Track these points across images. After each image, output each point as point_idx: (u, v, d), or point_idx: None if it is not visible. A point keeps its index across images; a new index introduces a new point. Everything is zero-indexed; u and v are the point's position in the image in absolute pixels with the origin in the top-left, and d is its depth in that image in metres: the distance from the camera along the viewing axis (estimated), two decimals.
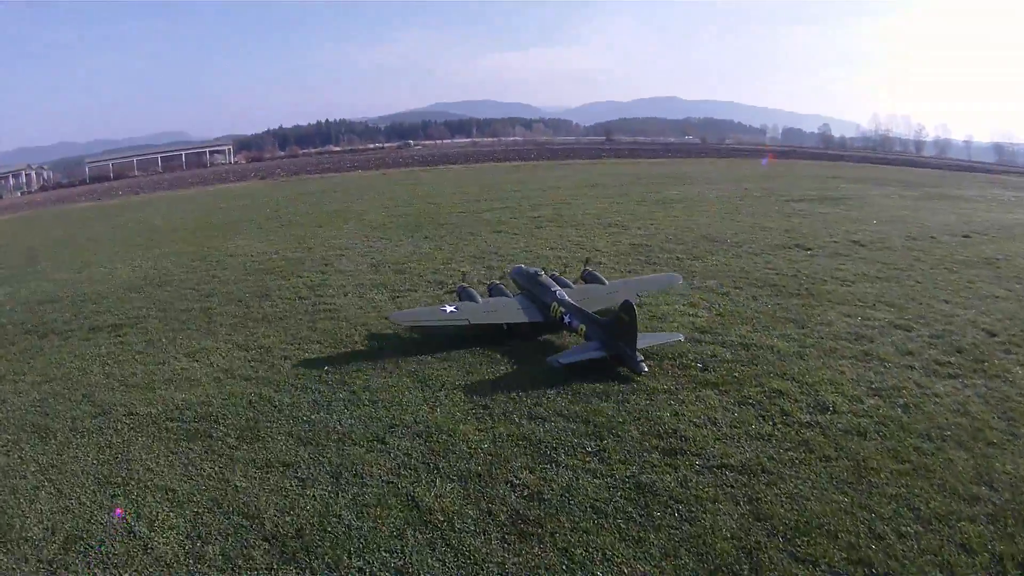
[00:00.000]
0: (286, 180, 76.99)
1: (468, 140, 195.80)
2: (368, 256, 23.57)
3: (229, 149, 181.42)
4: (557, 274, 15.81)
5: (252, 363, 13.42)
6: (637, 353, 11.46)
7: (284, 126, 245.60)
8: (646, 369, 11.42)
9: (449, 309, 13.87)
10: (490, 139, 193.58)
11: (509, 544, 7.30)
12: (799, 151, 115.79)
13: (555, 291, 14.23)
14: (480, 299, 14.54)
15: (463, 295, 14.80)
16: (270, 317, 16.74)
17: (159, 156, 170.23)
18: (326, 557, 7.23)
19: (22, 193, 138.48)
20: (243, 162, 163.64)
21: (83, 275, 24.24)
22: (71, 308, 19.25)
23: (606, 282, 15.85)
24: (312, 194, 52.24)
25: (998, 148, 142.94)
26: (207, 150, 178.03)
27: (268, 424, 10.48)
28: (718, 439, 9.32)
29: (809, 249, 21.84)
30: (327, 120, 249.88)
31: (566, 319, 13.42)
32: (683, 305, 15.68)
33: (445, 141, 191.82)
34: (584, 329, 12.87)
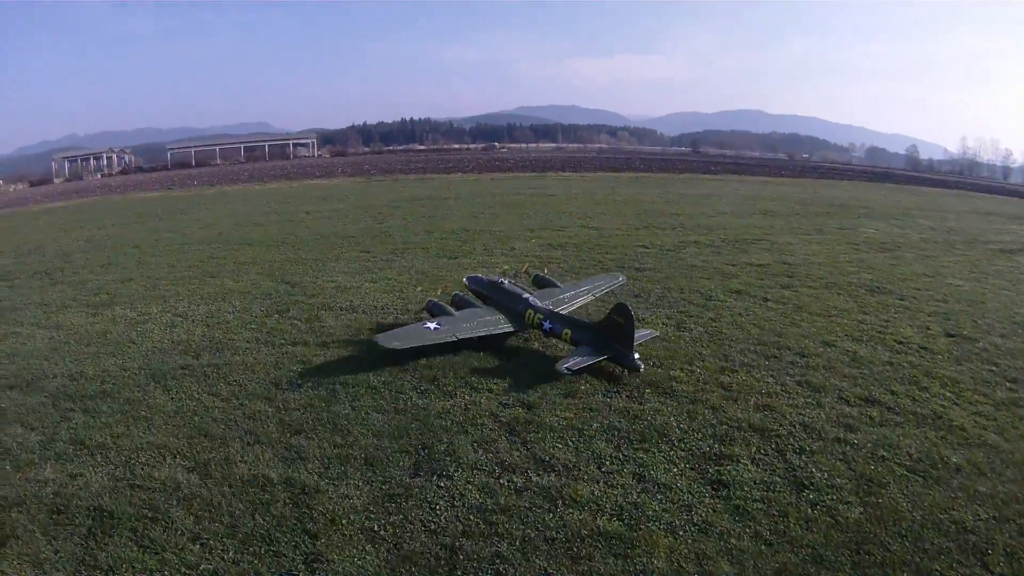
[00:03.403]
0: (379, 180, 73.43)
1: (553, 145, 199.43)
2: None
3: (313, 142, 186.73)
4: (513, 281, 16.77)
5: None
6: (634, 352, 12.93)
7: (368, 122, 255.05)
8: (643, 367, 13.13)
9: (432, 326, 14.51)
10: (575, 145, 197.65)
11: None
12: (890, 173, 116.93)
13: (527, 298, 15.29)
14: (455, 312, 15.28)
15: (435, 310, 15.47)
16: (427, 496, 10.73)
17: (242, 146, 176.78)
18: None
19: (102, 175, 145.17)
20: (327, 156, 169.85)
21: (94, 326, 19.27)
22: (38, 418, 13.41)
23: (560, 285, 17.14)
24: (417, 201, 49.01)
25: None
26: (291, 142, 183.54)
27: None
28: None
29: None
30: (411, 118, 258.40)
31: (546, 325, 14.47)
32: None
33: (530, 145, 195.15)
34: (570, 333, 13.96)
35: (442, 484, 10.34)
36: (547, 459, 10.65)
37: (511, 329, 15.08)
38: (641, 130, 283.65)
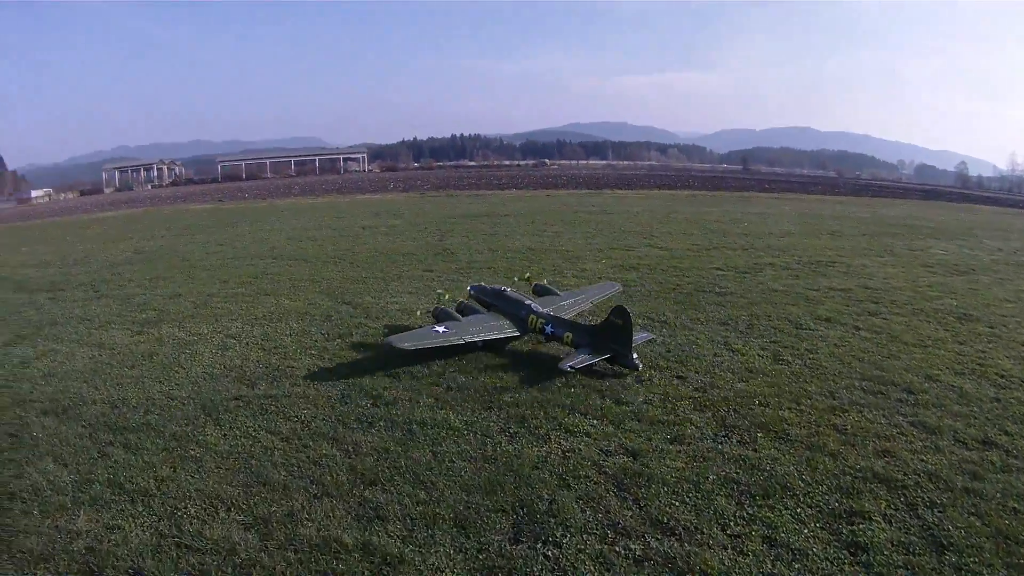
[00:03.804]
0: (432, 196, 73.06)
1: (604, 162, 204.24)
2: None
3: (363, 157, 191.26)
4: (515, 289, 17.85)
5: None
6: (633, 352, 14.04)
7: (419, 138, 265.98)
8: (641, 366, 14.12)
9: (440, 329, 15.47)
10: (625, 162, 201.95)
11: None
12: (942, 191, 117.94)
13: (529, 304, 16.54)
14: (461, 318, 16.22)
15: (442, 316, 16.37)
16: None
17: (292, 160, 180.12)
18: None
19: (152, 186, 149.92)
20: (377, 171, 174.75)
21: (139, 346, 18.19)
22: (73, 452, 12.36)
23: (559, 293, 18.20)
24: (476, 218, 48.02)
25: None
26: (341, 156, 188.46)
27: None
28: None
29: None
30: (461, 134, 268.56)
31: (548, 329, 15.60)
32: None
33: (580, 161, 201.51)
34: (571, 336, 15.07)
35: (549, 553, 8.79)
36: (665, 520, 9.43)
37: (515, 333, 16.06)
38: (690, 147, 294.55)
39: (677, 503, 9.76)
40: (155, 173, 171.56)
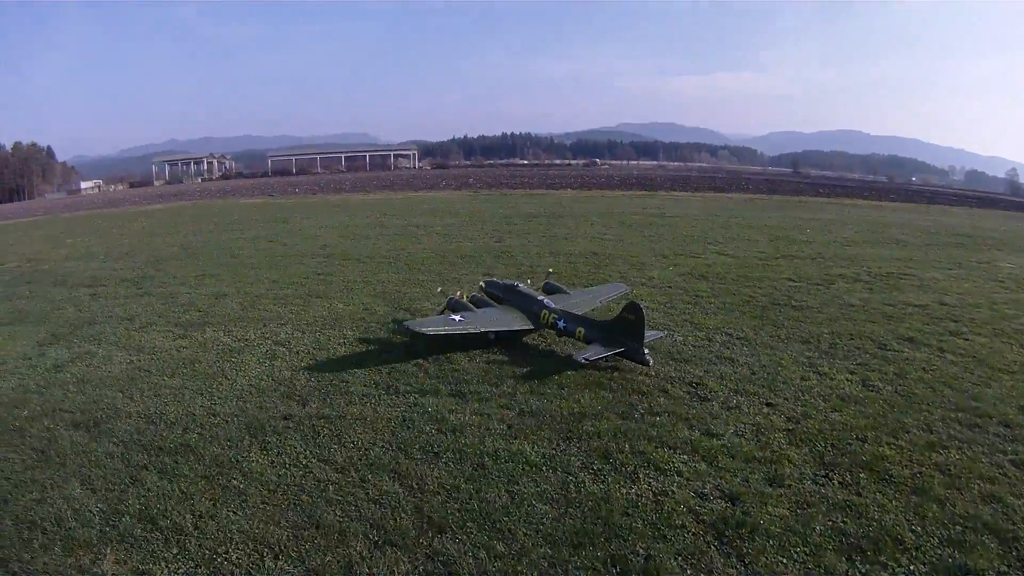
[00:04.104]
0: (485, 195, 72.14)
1: (654, 163, 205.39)
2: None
3: (414, 154, 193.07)
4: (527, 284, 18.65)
5: None
6: (644, 347, 14.50)
7: (469, 135, 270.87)
8: (652, 361, 14.60)
9: (457, 318, 16.33)
10: (676, 163, 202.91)
11: None
12: (994, 198, 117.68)
13: (542, 299, 17.24)
14: (476, 309, 17.09)
15: (457, 306, 17.17)
16: None
17: (343, 155, 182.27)
18: None
19: (202, 179, 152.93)
20: (428, 168, 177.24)
21: (181, 351, 17.46)
22: (103, 475, 11.81)
23: (569, 291, 19.05)
24: (532, 218, 47.37)
25: None
26: (392, 153, 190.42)
27: None
28: None
29: None
30: (512, 133, 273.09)
31: (560, 324, 16.19)
32: None
33: (631, 162, 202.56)
34: (583, 331, 15.63)
35: None
36: None
37: (529, 327, 16.74)
38: (741, 149, 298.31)
39: (784, 559, 8.84)
40: (205, 166, 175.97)
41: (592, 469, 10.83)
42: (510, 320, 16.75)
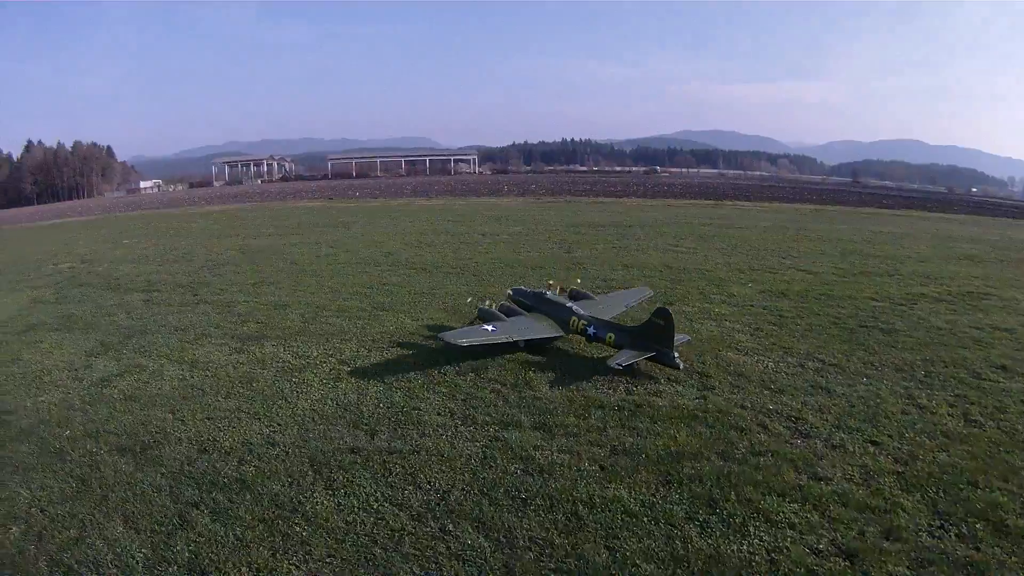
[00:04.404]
0: (549, 201, 71.64)
1: (715, 171, 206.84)
2: None
3: (474, 159, 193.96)
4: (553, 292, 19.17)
5: None
6: (674, 351, 15.09)
7: (529, 141, 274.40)
8: (682, 365, 15.17)
9: (489, 328, 16.66)
10: (736, 171, 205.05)
11: None
12: None
13: (570, 306, 17.73)
14: (505, 318, 17.50)
15: (487, 316, 17.66)
16: None
17: (403, 159, 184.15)
18: None
19: (262, 181, 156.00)
20: (488, 173, 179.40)
21: (238, 368, 16.83)
22: (148, 513, 10.47)
23: (594, 297, 19.49)
24: (599, 228, 45.97)
25: None
26: (452, 158, 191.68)
27: None
28: None
29: None
30: (572, 139, 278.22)
31: (589, 330, 16.74)
32: None
33: (691, 170, 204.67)
34: (613, 337, 16.20)
35: None
36: None
37: (559, 334, 17.23)
38: (801, 158, 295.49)
39: None
40: (265, 168, 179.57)
41: (698, 520, 9.84)
42: (540, 328, 17.21)
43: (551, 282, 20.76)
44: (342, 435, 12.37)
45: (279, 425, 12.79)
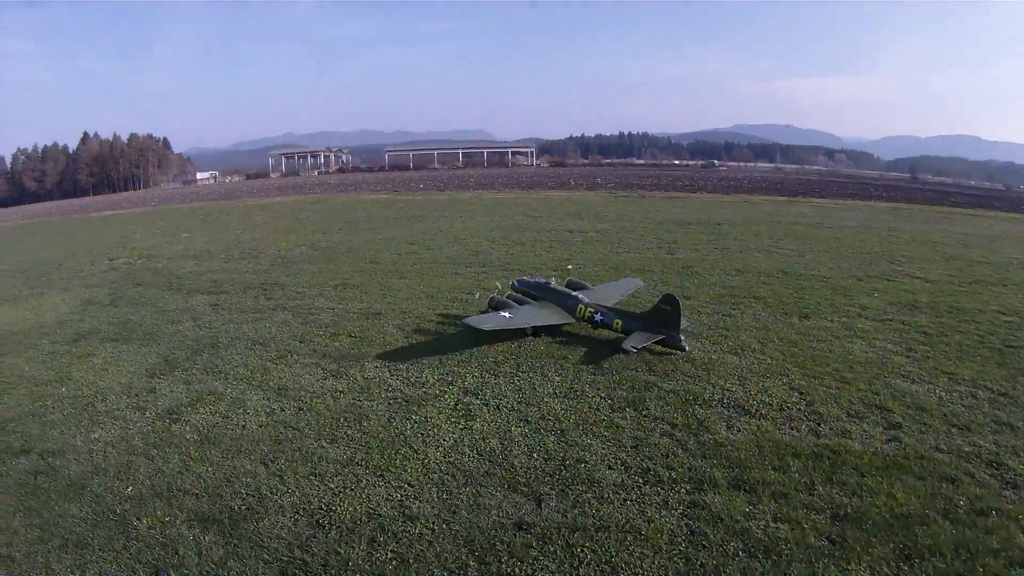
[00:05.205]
0: (623, 196, 69.09)
1: (771, 165, 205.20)
2: None
3: (531, 151, 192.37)
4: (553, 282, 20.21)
5: None
6: (680, 335, 16.09)
7: (587, 134, 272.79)
8: (688, 348, 16.10)
9: (506, 315, 17.61)
10: (794, 166, 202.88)
11: None
12: None
13: (576, 295, 18.78)
14: (518, 307, 18.44)
15: (499, 305, 18.54)
16: None
17: (460, 151, 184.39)
18: None
19: (319, 172, 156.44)
20: (545, 165, 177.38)
21: (338, 399, 13.86)
22: None
23: (590, 286, 20.45)
24: (687, 225, 42.63)
25: None
26: (509, 150, 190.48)
27: None
28: None
29: None
30: (630, 132, 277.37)
31: (597, 317, 17.63)
32: None
33: (748, 164, 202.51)
34: (621, 323, 17.09)
35: None
36: None
37: (568, 320, 18.13)
38: (858, 153, 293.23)
39: None
40: (322, 160, 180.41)
41: None
42: (550, 315, 18.15)
43: (570, 267, 23.92)
44: (499, 502, 9.53)
45: (411, 487, 9.93)
